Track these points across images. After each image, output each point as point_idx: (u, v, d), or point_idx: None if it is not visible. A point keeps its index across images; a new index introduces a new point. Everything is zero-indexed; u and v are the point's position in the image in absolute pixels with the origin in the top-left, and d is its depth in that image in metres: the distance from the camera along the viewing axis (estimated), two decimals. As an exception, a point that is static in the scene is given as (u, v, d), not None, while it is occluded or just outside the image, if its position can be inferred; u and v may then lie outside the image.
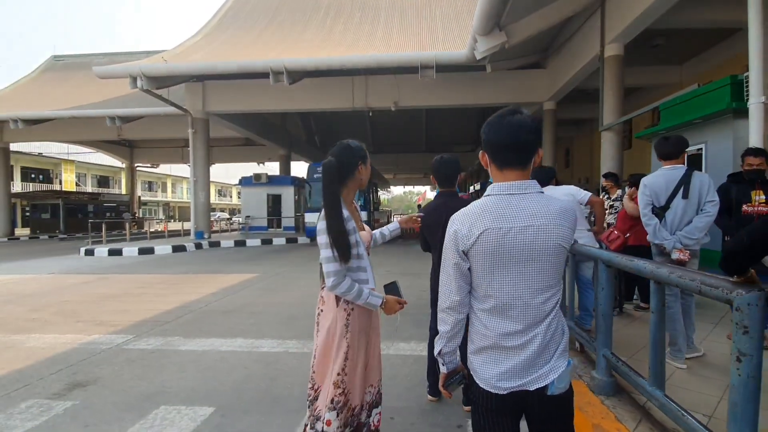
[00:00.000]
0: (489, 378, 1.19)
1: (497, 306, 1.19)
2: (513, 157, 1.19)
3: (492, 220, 1.16)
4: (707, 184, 2.90)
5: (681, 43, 10.72)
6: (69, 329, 4.53)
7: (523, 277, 1.17)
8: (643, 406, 2.31)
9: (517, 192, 1.18)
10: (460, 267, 1.21)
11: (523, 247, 1.15)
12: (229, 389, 2.98)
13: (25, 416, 2.63)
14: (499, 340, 1.18)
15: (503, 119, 1.19)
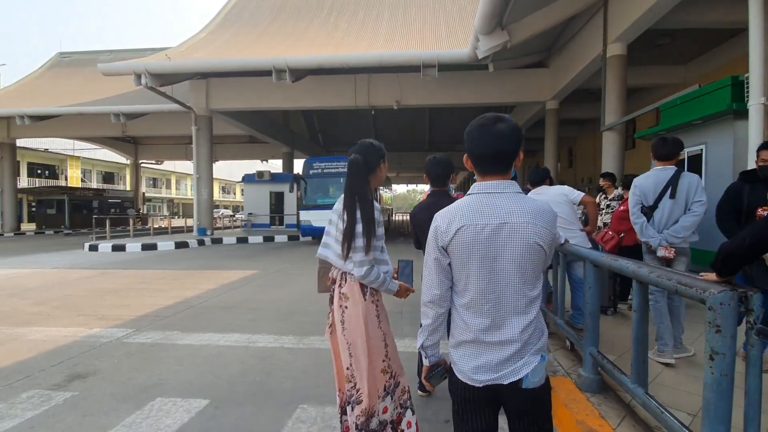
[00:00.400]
0: (466, 371, 1.24)
1: (473, 300, 1.23)
2: (494, 166, 1.25)
3: (469, 217, 1.21)
4: (695, 184, 2.97)
5: (685, 43, 10.67)
6: (71, 322, 4.62)
7: (498, 273, 1.20)
8: (628, 404, 2.35)
9: (495, 191, 1.23)
10: (440, 262, 1.26)
11: (499, 243, 1.19)
12: (224, 382, 3.04)
13: (25, 406, 2.70)
14: (477, 335, 1.22)
15: (484, 129, 1.24)
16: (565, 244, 3.11)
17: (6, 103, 18.39)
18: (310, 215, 13.87)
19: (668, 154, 3.11)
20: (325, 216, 16.08)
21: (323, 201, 13.80)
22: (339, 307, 1.88)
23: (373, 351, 1.86)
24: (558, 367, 2.93)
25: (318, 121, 25.69)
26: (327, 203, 13.36)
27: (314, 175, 14.23)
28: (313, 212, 13.77)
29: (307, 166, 14.43)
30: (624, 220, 4.36)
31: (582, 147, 21.29)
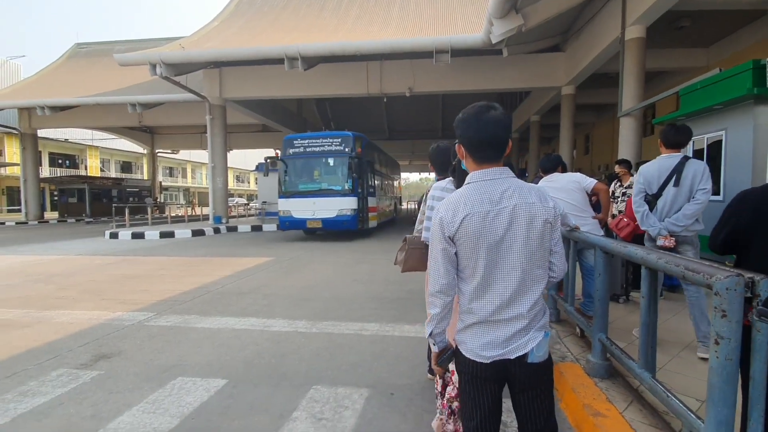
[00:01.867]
0: (474, 348, 1.30)
1: (482, 284, 1.27)
2: (491, 153, 1.29)
3: (473, 204, 1.25)
4: (701, 172, 2.91)
5: (707, 25, 10.28)
6: (94, 306, 4.81)
7: (505, 255, 1.25)
8: (636, 389, 2.37)
9: (495, 177, 1.28)
10: (447, 252, 1.29)
11: (505, 227, 1.24)
12: (241, 364, 3.16)
13: (55, 383, 2.86)
14: (486, 317, 1.28)
15: (481, 116, 1.27)
16: (575, 231, 3.10)
17: (27, 93, 18.83)
18: (291, 204, 11.59)
19: (679, 142, 3.07)
20: (308, 205, 11.64)
21: (306, 186, 11.64)
22: None
23: None
24: (567, 353, 2.96)
25: (330, 109, 25.66)
26: (311, 189, 11.51)
27: (295, 155, 11.78)
28: (294, 201, 11.58)
29: (287, 144, 11.89)
30: (638, 207, 4.32)
31: (599, 133, 20.84)
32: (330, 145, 11.57)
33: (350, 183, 11.29)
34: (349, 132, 11.78)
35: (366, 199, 12.06)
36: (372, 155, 13.87)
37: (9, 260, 8.51)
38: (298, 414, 2.43)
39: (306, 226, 11.59)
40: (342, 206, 11.18)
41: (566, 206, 3.37)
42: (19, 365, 3.17)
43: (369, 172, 12.82)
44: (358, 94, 15.10)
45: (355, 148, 11.38)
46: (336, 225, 11.30)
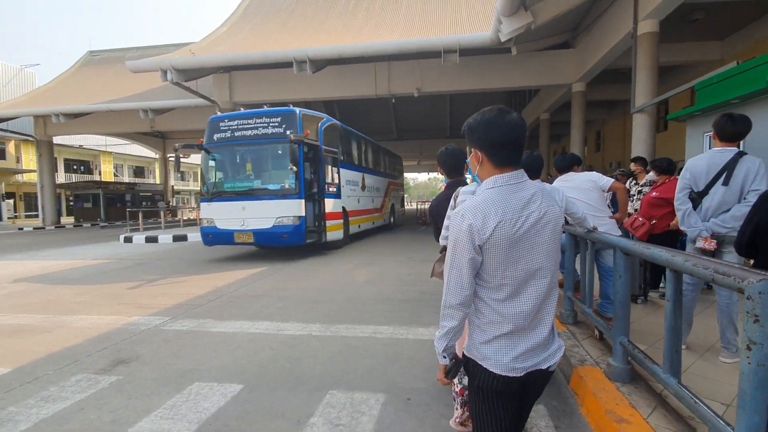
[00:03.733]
0: (505, 361, 1.23)
1: (512, 293, 1.23)
2: (514, 155, 1.25)
3: (504, 211, 1.19)
4: (755, 171, 2.60)
5: (722, 17, 10.05)
6: (112, 311, 4.88)
7: (533, 261, 1.22)
8: (659, 394, 2.32)
9: (519, 181, 1.25)
10: (474, 261, 1.21)
11: (531, 233, 1.21)
12: (256, 368, 3.17)
13: (75, 389, 2.89)
14: (515, 325, 1.23)
15: (503, 120, 1.23)
16: (593, 231, 3.05)
17: (42, 101, 19.22)
18: (214, 210, 8.53)
19: (736, 134, 2.72)
20: (236, 211, 8.36)
21: (233, 186, 8.58)
22: None
23: None
24: (587, 356, 2.91)
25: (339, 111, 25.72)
26: (240, 189, 8.47)
27: (221, 142, 8.60)
28: (218, 206, 8.53)
29: (212, 126, 8.77)
30: (655, 206, 4.22)
31: (610, 130, 20.55)
32: (265, 127, 8.36)
33: (293, 179, 8.10)
34: (293, 108, 8.53)
35: (321, 201, 9.00)
36: (338, 141, 10.68)
37: (28, 265, 8.68)
38: (315, 420, 2.42)
39: (234, 241, 8.34)
40: (281, 212, 8.07)
41: (583, 206, 3.30)
42: (39, 370, 3.22)
43: (330, 164, 9.67)
44: (367, 96, 15.09)
45: (301, 130, 8.22)
46: (272, 239, 8.20)
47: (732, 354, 2.74)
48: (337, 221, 9.75)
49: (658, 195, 4.16)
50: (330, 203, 9.39)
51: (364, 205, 12.42)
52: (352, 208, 11.09)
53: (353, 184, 11.51)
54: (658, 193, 4.19)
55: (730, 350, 2.75)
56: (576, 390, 2.62)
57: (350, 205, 10.95)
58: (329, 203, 9.33)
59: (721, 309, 2.75)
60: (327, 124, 9.78)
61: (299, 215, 8.15)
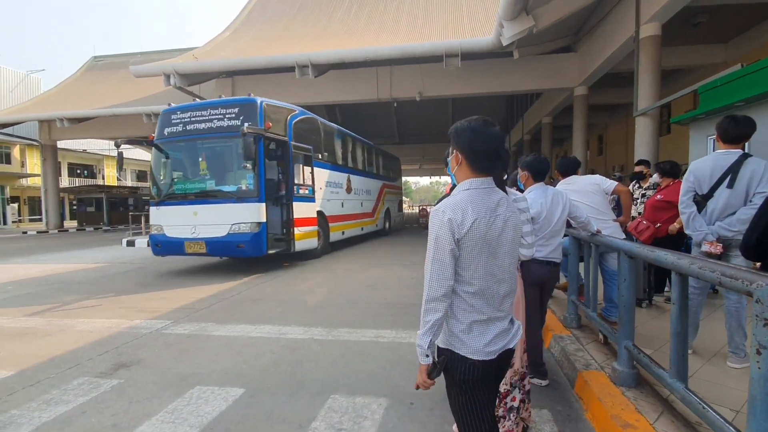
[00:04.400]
0: (480, 347, 1.35)
1: (482, 284, 1.35)
2: (490, 164, 1.38)
3: (479, 209, 1.33)
4: (761, 173, 2.56)
5: (725, 20, 10.05)
6: (113, 314, 4.87)
7: (499, 257, 1.37)
8: (666, 399, 2.29)
9: (491, 186, 1.40)
10: (454, 253, 1.31)
11: (500, 231, 1.36)
12: (258, 372, 3.15)
13: (77, 392, 2.88)
14: (486, 314, 1.36)
15: (485, 130, 1.37)
16: (597, 234, 3.03)
17: (47, 106, 19.36)
18: (163, 216, 7.50)
19: (740, 136, 2.68)
20: (187, 217, 7.19)
21: (184, 187, 7.51)
22: None
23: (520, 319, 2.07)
24: (591, 361, 2.88)
25: (341, 114, 25.81)
26: (191, 191, 7.39)
27: (173, 136, 7.57)
28: (167, 210, 7.47)
29: (164, 120, 7.73)
30: (660, 209, 4.20)
31: (613, 133, 20.52)
32: (220, 119, 7.27)
33: (252, 180, 7.02)
34: (254, 98, 7.43)
35: (290, 205, 7.82)
36: (316, 138, 9.54)
37: (32, 269, 8.71)
38: (317, 424, 2.39)
39: (184, 251, 7.22)
40: (237, 218, 6.95)
41: (586, 209, 3.28)
42: (42, 373, 3.21)
43: (302, 162, 8.47)
44: (369, 100, 15.14)
45: (262, 122, 7.16)
46: (227, 249, 7.12)
47: (741, 359, 2.70)
48: (310, 228, 8.54)
49: (663, 198, 4.14)
50: (301, 207, 8.21)
51: (350, 209, 11.39)
52: (333, 213, 10.10)
53: (336, 186, 10.45)
54: (663, 196, 4.17)
55: (739, 355, 2.72)
56: (581, 395, 2.59)
57: (331, 210, 10.00)
58: (300, 207, 8.15)
59: (729, 313, 2.71)
60: (299, 117, 8.62)
61: (258, 221, 6.99)
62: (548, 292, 2.96)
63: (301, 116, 8.81)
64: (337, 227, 10.43)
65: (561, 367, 3.10)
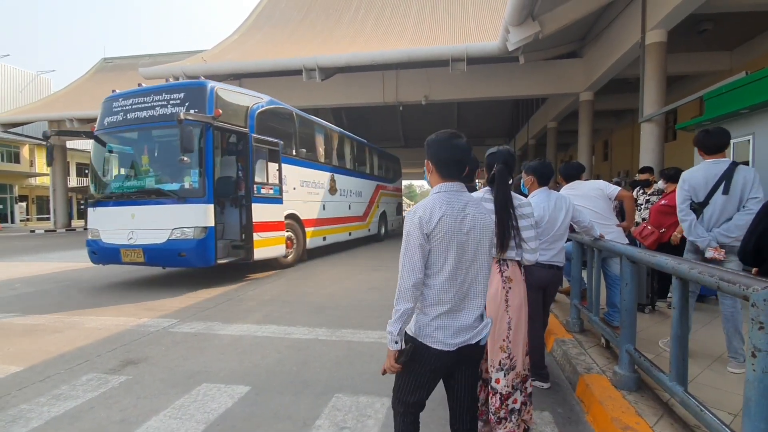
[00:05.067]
0: (442, 338, 1.48)
1: (451, 277, 1.48)
2: (455, 171, 1.57)
3: (446, 208, 1.49)
4: (752, 179, 2.73)
5: (731, 28, 10.05)
6: (121, 312, 4.94)
7: (466, 253, 1.50)
8: (666, 402, 2.31)
9: (458, 190, 1.56)
10: (423, 247, 1.47)
11: (466, 228, 1.50)
12: (263, 371, 3.20)
13: (86, 388, 2.94)
14: (449, 307, 1.49)
15: (453, 142, 1.56)
16: (600, 239, 3.06)
17: (56, 107, 19.64)
18: (99, 218, 6.55)
19: (716, 146, 2.89)
20: (125, 220, 6.11)
21: (122, 186, 6.58)
22: (502, 289, 2.08)
23: (523, 323, 2.10)
24: (593, 364, 2.90)
25: (346, 118, 25.94)
26: (130, 191, 6.41)
27: (112, 126, 6.65)
28: (103, 212, 6.53)
29: (105, 108, 6.83)
30: (664, 214, 4.21)
31: (618, 139, 20.49)
32: (164, 106, 6.25)
33: (197, 177, 6.02)
34: (204, 81, 6.42)
35: (247, 207, 6.73)
36: (289, 131, 8.54)
37: (41, 267, 8.83)
38: (321, 422, 2.44)
39: (121, 259, 6.25)
40: (178, 222, 5.98)
41: (590, 214, 3.31)
42: (51, 369, 3.27)
43: (266, 158, 7.28)
44: (375, 103, 15.23)
45: (211, 109, 6.12)
46: (168, 258, 6.11)
47: (740, 364, 2.73)
48: (275, 233, 7.36)
49: (668, 203, 4.16)
50: (264, 209, 7.03)
51: (334, 212, 10.33)
52: (311, 216, 9.09)
53: (315, 186, 9.36)
54: (668, 201, 4.19)
55: (738, 360, 2.75)
56: (582, 398, 2.62)
57: (309, 213, 8.97)
58: (262, 209, 6.97)
59: (726, 317, 2.77)
60: (265, 108, 7.50)
61: (204, 226, 5.95)
62: (551, 296, 2.99)
63: (269, 106, 7.73)
64: (317, 232, 9.39)
65: (563, 371, 3.12)
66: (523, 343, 2.09)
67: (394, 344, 1.46)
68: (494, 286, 2.06)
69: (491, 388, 2.08)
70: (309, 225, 8.95)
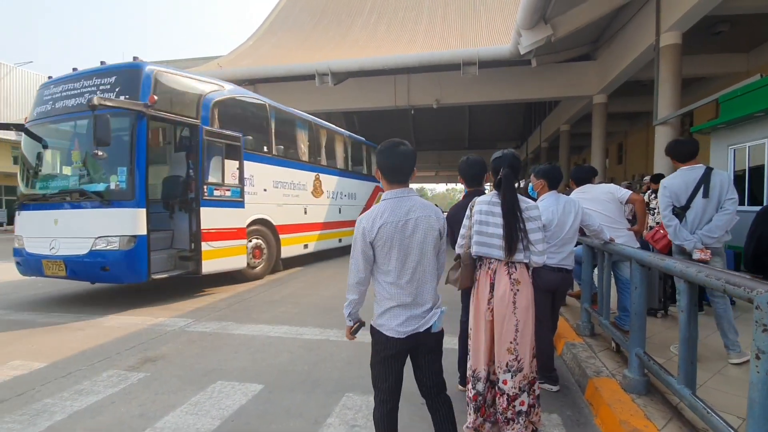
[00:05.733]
0: (394, 327, 1.71)
1: (397, 276, 1.69)
2: (400, 176, 1.74)
3: (387, 216, 1.68)
4: (727, 182, 2.95)
5: (747, 30, 9.88)
6: (139, 312, 5.09)
7: (411, 253, 1.69)
8: (675, 406, 2.31)
9: (402, 196, 1.73)
10: (365, 253, 1.70)
11: (410, 233, 1.68)
12: (275, 370, 3.27)
13: (106, 384, 3.05)
14: (399, 301, 1.70)
15: (394, 150, 1.73)
16: (610, 243, 3.06)
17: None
18: (24, 224, 5.74)
19: (691, 153, 3.13)
20: (47, 227, 5.23)
21: (47, 186, 5.69)
22: (510, 291, 2.10)
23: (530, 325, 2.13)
24: (602, 368, 2.90)
25: (358, 121, 26.12)
26: (54, 192, 5.53)
27: (41, 117, 5.83)
28: (27, 217, 5.73)
29: (38, 97, 6.01)
30: (676, 219, 4.18)
31: (633, 142, 20.20)
32: (93, 92, 5.37)
33: (125, 175, 5.17)
34: (140, 62, 5.53)
35: (196, 212, 5.84)
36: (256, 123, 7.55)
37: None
38: (332, 420, 2.50)
39: (44, 272, 5.38)
40: (102, 229, 5.09)
41: (600, 218, 3.31)
42: (73, 365, 3.40)
43: (223, 155, 6.27)
44: (386, 107, 15.32)
45: (146, 95, 5.24)
46: (91, 273, 5.20)
47: (739, 354, 2.88)
48: (234, 242, 6.36)
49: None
50: (216, 214, 6.04)
51: (319, 216, 9.23)
52: (288, 221, 8.02)
53: (293, 188, 8.25)
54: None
55: (735, 350, 2.91)
56: (591, 400, 2.62)
57: (284, 217, 7.87)
58: (214, 215, 5.98)
59: (719, 315, 2.93)
60: (223, 97, 6.51)
61: (132, 234, 5.05)
62: (560, 299, 3.01)
63: (230, 96, 6.69)
64: (296, 239, 8.29)
65: (572, 374, 3.12)
66: (530, 345, 2.11)
67: (348, 322, 1.79)
68: (502, 288, 2.08)
69: (498, 389, 2.11)
70: (285, 231, 7.94)
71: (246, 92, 7.52)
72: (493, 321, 2.11)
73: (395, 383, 1.79)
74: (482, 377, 2.15)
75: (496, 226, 2.10)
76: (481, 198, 2.26)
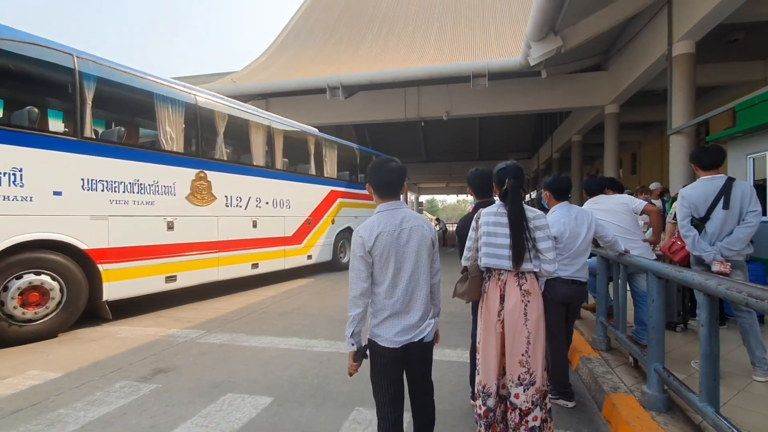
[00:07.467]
0: (389, 337, 1.75)
1: (390, 285, 1.74)
2: (389, 191, 1.84)
3: (384, 226, 1.75)
4: (749, 193, 2.84)
5: (764, 36, 9.73)
6: (151, 323, 5.13)
7: (405, 263, 1.75)
8: (698, 425, 2.22)
9: (395, 208, 1.81)
10: (366, 261, 1.74)
11: (404, 242, 1.75)
12: (285, 383, 3.25)
13: (118, 394, 3.07)
14: (393, 311, 1.75)
15: (383, 167, 1.83)
16: (625, 255, 3.00)
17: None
18: None
19: (714, 162, 3.01)
20: None
21: None
22: (521, 302, 2.05)
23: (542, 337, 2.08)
24: (620, 384, 2.81)
25: (369, 134, 26.32)
26: None
27: None
28: None
29: None
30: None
31: (647, 152, 19.91)
32: None
33: None
34: None
35: None
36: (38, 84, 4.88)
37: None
38: (341, 434, 2.46)
39: None
40: None
41: (614, 229, 3.25)
42: (86, 376, 3.43)
43: None
44: (397, 120, 15.42)
45: None
46: None
47: (765, 372, 2.76)
48: None
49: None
50: None
51: (205, 233, 6.40)
52: (128, 242, 5.27)
53: (144, 191, 5.44)
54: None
55: (763, 367, 2.78)
56: (609, 418, 2.54)
57: (116, 238, 5.13)
58: None
59: (744, 330, 2.81)
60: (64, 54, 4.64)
61: None
62: (574, 312, 2.94)
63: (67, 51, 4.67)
64: (143, 270, 5.47)
65: (588, 390, 3.04)
66: (542, 357, 2.06)
67: (350, 346, 1.77)
68: (513, 299, 2.05)
69: (510, 404, 2.05)
70: (115, 257, 5.13)
71: (16, 31, 4.41)
72: (503, 333, 2.07)
73: (396, 392, 1.82)
74: (492, 392, 2.10)
75: (504, 237, 2.08)
76: (486, 209, 2.24)
